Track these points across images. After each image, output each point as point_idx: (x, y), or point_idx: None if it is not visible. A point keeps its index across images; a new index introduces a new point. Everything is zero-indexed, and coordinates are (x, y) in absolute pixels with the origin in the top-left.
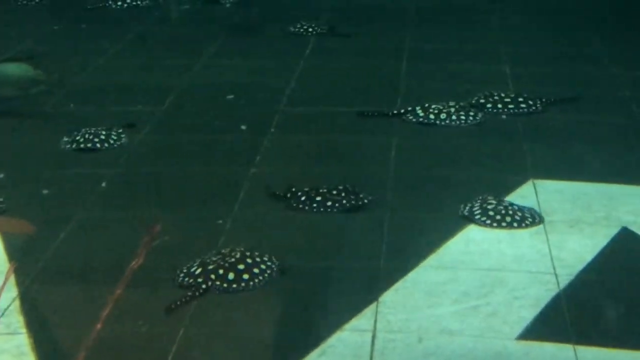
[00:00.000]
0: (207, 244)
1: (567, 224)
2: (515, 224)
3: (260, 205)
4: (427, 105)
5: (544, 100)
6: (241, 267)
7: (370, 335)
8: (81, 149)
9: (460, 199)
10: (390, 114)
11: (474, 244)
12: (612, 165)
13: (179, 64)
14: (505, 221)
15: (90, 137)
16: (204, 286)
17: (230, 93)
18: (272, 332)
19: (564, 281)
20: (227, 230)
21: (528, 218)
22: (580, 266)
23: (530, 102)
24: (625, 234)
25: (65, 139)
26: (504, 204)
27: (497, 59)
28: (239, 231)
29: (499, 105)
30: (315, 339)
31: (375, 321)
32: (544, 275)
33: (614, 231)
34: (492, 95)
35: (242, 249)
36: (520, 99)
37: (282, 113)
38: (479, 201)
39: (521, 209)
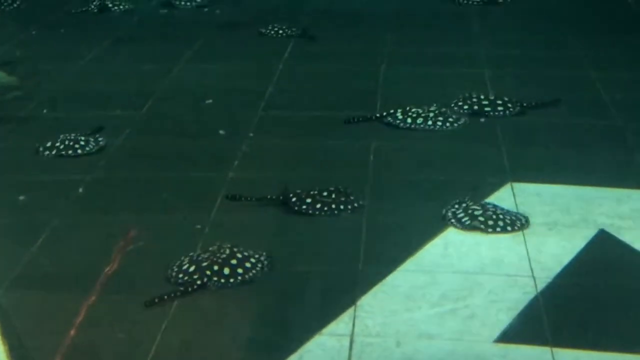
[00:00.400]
0: (185, 249)
1: (545, 226)
2: (498, 229)
3: (237, 210)
4: (407, 108)
5: (525, 104)
6: (234, 262)
7: (348, 339)
8: (58, 155)
9: (438, 202)
10: (374, 117)
11: (452, 247)
12: (590, 168)
13: (157, 68)
14: (497, 226)
15: (69, 142)
16: (199, 282)
17: (209, 97)
18: (249, 336)
19: (542, 284)
20: (205, 235)
21: (517, 222)
22: (558, 269)
23: (509, 105)
24: (602, 236)
25: (43, 144)
26: (488, 208)
27: (478, 62)
28: (216, 236)
29: (476, 107)
30: (293, 344)
31: (353, 325)
32: (522, 278)
33: (591, 233)
34: (471, 98)
35: (230, 245)
36: (499, 102)
37: (260, 117)
38: (457, 204)
39: (508, 212)
